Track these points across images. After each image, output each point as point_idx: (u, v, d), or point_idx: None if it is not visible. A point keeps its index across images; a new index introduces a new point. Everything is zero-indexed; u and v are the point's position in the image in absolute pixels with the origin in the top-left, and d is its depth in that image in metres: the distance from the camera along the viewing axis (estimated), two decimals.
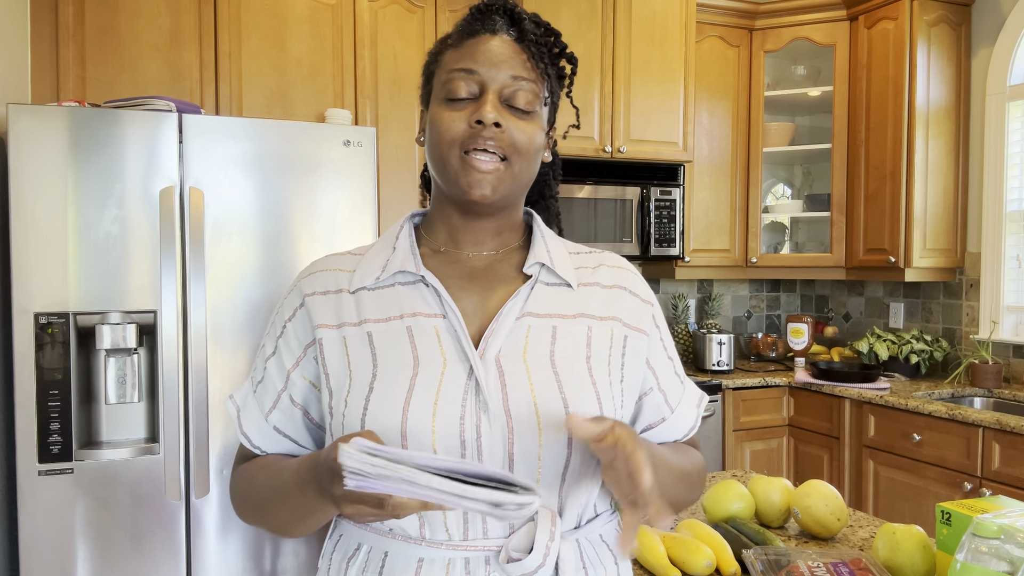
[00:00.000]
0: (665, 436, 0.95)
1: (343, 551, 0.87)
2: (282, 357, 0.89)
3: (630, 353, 0.90)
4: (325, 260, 0.93)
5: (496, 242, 0.92)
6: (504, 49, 0.86)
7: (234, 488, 0.92)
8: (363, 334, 0.85)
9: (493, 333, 0.84)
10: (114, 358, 2.00)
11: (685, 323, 3.78)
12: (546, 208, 1.05)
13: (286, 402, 0.89)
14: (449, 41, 0.90)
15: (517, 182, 0.87)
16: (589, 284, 0.91)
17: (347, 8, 2.80)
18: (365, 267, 0.90)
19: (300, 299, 0.90)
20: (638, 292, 0.93)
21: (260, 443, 0.91)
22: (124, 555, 2.00)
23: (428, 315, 0.85)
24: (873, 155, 3.37)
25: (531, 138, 0.86)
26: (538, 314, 0.86)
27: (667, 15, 3.32)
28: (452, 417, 0.79)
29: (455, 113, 0.85)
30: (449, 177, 0.85)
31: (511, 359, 0.83)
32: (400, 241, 0.91)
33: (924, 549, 1.15)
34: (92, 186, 1.97)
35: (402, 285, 0.88)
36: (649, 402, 0.93)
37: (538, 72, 0.87)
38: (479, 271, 0.90)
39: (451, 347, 0.83)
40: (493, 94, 0.84)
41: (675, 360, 0.96)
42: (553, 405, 0.81)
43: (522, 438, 0.79)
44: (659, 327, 0.94)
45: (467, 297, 0.88)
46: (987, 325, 3.25)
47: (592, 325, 0.88)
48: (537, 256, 0.90)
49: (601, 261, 0.95)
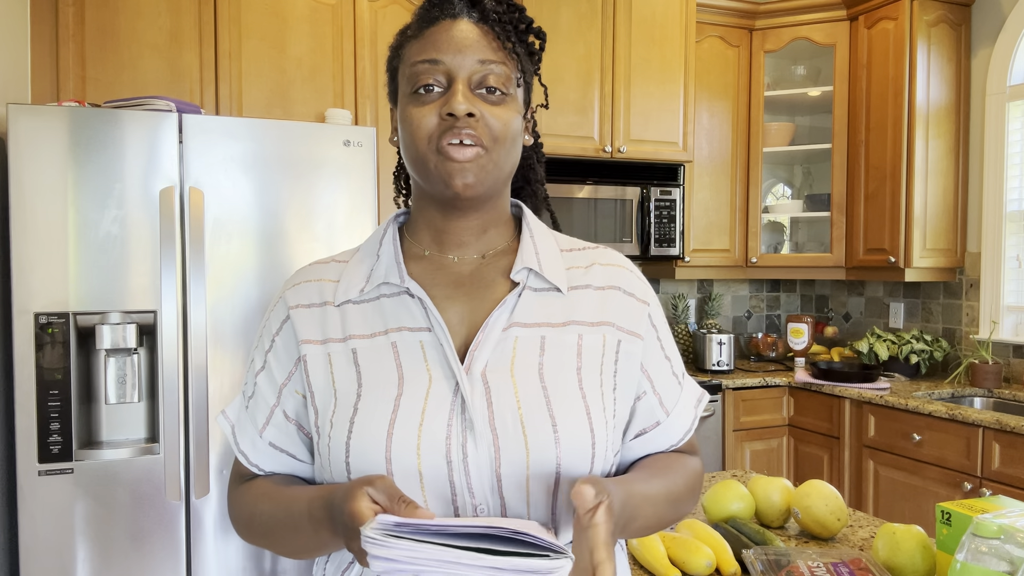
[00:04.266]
0: (660, 441, 0.91)
1: (337, 562, 0.85)
2: (272, 372, 0.86)
3: (624, 359, 0.86)
4: (309, 270, 0.90)
5: (482, 241, 0.88)
6: (467, 33, 0.81)
7: (236, 513, 0.89)
8: (348, 351, 0.82)
9: (479, 346, 0.80)
10: (114, 358, 2.00)
11: (685, 323, 3.78)
12: (533, 194, 0.99)
13: (280, 418, 0.86)
14: (408, 32, 0.85)
15: (500, 169, 0.82)
16: (581, 287, 0.87)
17: (347, 8, 2.80)
18: (349, 277, 0.86)
19: (286, 312, 0.87)
20: (633, 291, 0.89)
21: (257, 460, 0.88)
22: (124, 555, 2.00)
23: (413, 329, 0.82)
24: (873, 155, 3.37)
25: (507, 124, 0.81)
26: (526, 323, 0.83)
27: (667, 15, 3.32)
28: (438, 438, 0.76)
29: (424, 108, 0.80)
30: (429, 174, 0.81)
31: (498, 374, 0.80)
32: (384, 248, 0.87)
33: (924, 549, 1.15)
34: (92, 186, 1.97)
35: (387, 297, 0.84)
36: (643, 406, 0.89)
37: (506, 52, 0.82)
38: (465, 278, 0.86)
39: (437, 362, 0.80)
40: (462, 83, 0.80)
41: (673, 359, 0.92)
42: (540, 421, 0.78)
43: (508, 457, 0.77)
44: (656, 327, 0.90)
45: (453, 307, 0.84)
46: (987, 325, 3.25)
47: (583, 333, 0.84)
48: (525, 260, 0.85)
49: (594, 259, 0.90)
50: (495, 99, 0.81)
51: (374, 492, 0.69)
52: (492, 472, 0.77)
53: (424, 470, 0.76)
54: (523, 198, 0.99)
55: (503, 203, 0.89)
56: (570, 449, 0.78)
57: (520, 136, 0.85)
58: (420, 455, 0.76)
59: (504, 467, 0.77)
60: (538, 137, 0.96)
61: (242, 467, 0.90)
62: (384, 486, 0.69)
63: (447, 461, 0.76)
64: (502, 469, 0.77)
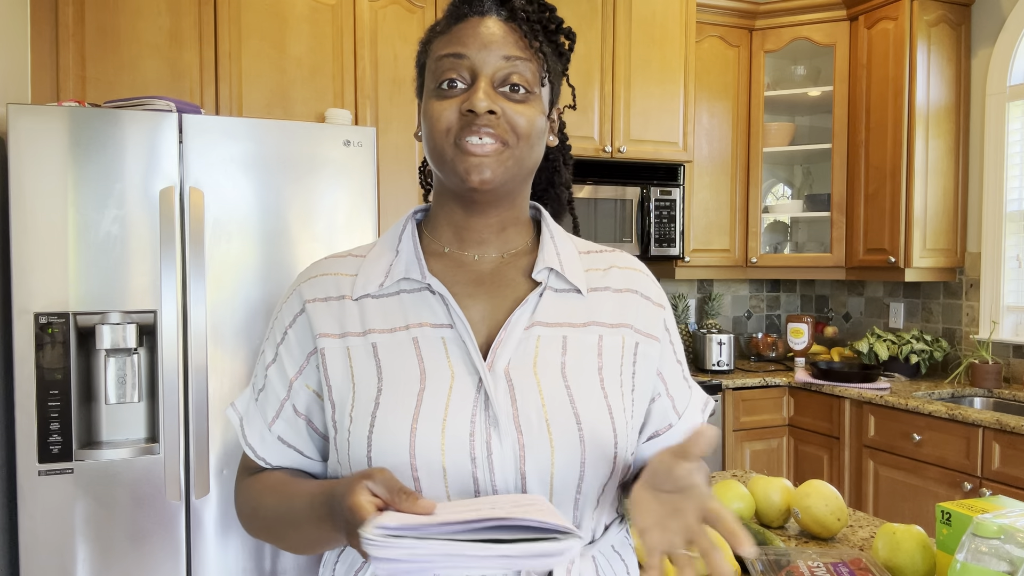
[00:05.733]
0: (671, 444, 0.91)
1: (348, 562, 0.84)
2: (284, 365, 0.86)
3: (641, 360, 0.87)
4: (325, 263, 0.89)
5: (501, 239, 0.88)
6: (494, 29, 0.81)
7: (241, 505, 0.89)
8: (368, 345, 0.82)
9: (502, 344, 0.80)
10: (114, 358, 1.99)
11: (685, 323, 3.78)
12: (556, 198, 0.99)
13: (289, 412, 0.86)
14: (438, 28, 0.86)
15: (520, 165, 0.82)
16: (600, 289, 0.88)
17: (347, 8, 2.80)
18: (368, 272, 0.86)
19: (300, 305, 0.86)
20: (650, 295, 0.90)
21: (265, 454, 0.88)
22: (124, 555, 2.00)
23: (435, 325, 0.82)
24: (873, 155, 3.37)
25: (530, 121, 0.81)
26: (548, 323, 0.83)
27: (667, 15, 3.32)
28: (462, 434, 0.76)
29: (446, 102, 0.81)
30: (447, 167, 0.81)
31: (521, 371, 0.80)
32: (403, 243, 0.87)
33: (924, 549, 1.15)
34: (92, 186, 1.97)
35: (407, 293, 0.84)
36: (657, 408, 0.90)
37: (533, 51, 0.82)
38: (486, 276, 0.86)
39: (459, 359, 0.80)
40: (485, 80, 0.80)
41: (683, 364, 0.93)
42: (565, 419, 0.78)
43: (534, 454, 0.76)
44: (669, 331, 0.91)
45: (474, 305, 0.84)
46: (987, 325, 3.25)
47: (603, 334, 0.85)
48: (546, 260, 0.86)
49: (612, 262, 0.91)
50: (519, 97, 0.81)
51: (373, 486, 0.68)
52: (516, 469, 0.76)
53: (448, 466, 0.76)
54: (546, 201, 0.99)
55: (522, 202, 0.89)
56: (594, 447, 0.79)
57: (543, 135, 0.85)
58: (444, 451, 0.76)
59: (529, 464, 0.76)
60: (566, 139, 0.96)
61: (249, 460, 0.90)
62: (383, 479, 0.69)
63: (471, 458, 0.76)
64: (527, 466, 0.76)
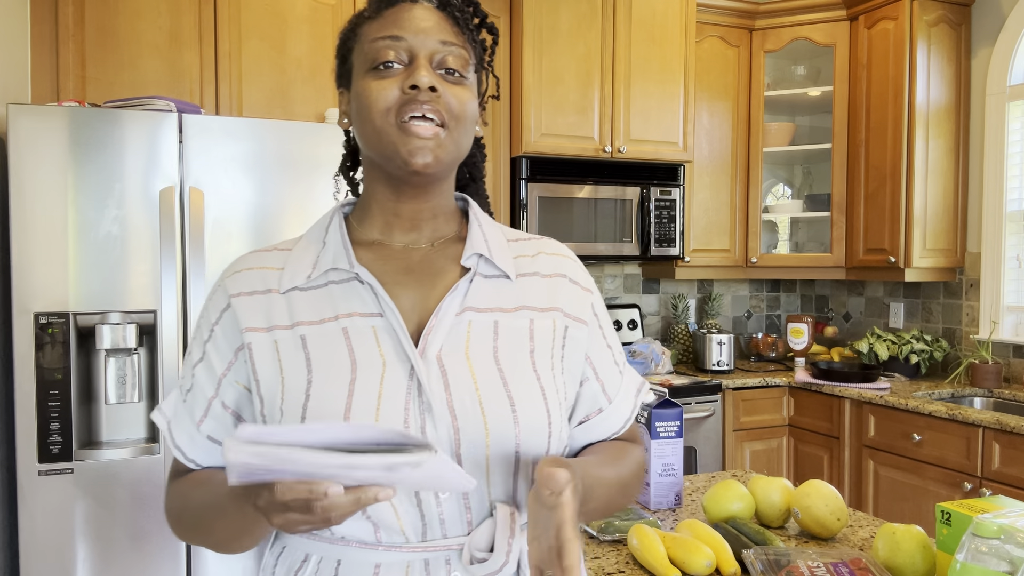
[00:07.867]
0: (602, 428, 0.92)
1: (288, 564, 0.84)
2: (212, 362, 0.85)
3: (570, 344, 0.88)
4: (250, 257, 0.88)
5: (432, 227, 0.89)
6: (429, 16, 0.83)
7: (170, 507, 0.87)
8: (296, 337, 0.81)
9: (433, 330, 0.81)
10: (114, 358, 2.00)
11: (685, 323, 3.78)
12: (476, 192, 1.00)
13: (218, 408, 0.85)
14: (365, 14, 0.86)
15: (458, 149, 0.84)
16: (529, 274, 0.89)
17: (347, 8, 2.80)
18: (295, 264, 0.85)
19: (226, 300, 0.85)
20: (578, 280, 0.91)
21: (194, 455, 0.86)
22: (124, 555, 2.00)
23: (364, 315, 0.82)
24: (873, 155, 3.37)
25: (466, 104, 0.83)
26: (479, 308, 0.84)
27: (667, 15, 3.32)
28: (395, 421, 0.76)
29: (385, 81, 0.80)
30: (386, 149, 0.81)
31: (453, 356, 0.80)
32: (331, 235, 0.87)
33: (924, 549, 1.15)
34: (92, 186, 1.97)
35: (336, 284, 0.84)
36: (586, 392, 0.90)
37: (465, 38, 0.85)
38: (415, 264, 0.86)
39: (390, 347, 0.80)
40: (425, 59, 0.81)
41: (615, 348, 0.94)
42: (499, 402, 0.79)
43: (469, 438, 0.77)
44: (598, 315, 0.92)
45: (404, 293, 0.84)
46: (987, 325, 3.25)
47: (534, 317, 0.86)
48: (475, 247, 0.86)
49: (540, 248, 0.92)
50: (454, 79, 0.83)
51: None
52: (452, 453, 0.77)
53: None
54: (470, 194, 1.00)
55: (450, 188, 0.91)
56: (528, 429, 0.80)
57: (475, 120, 0.87)
58: None
59: (464, 448, 0.77)
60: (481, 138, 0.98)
61: (180, 465, 0.89)
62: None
63: None
64: (462, 450, 0.77)
